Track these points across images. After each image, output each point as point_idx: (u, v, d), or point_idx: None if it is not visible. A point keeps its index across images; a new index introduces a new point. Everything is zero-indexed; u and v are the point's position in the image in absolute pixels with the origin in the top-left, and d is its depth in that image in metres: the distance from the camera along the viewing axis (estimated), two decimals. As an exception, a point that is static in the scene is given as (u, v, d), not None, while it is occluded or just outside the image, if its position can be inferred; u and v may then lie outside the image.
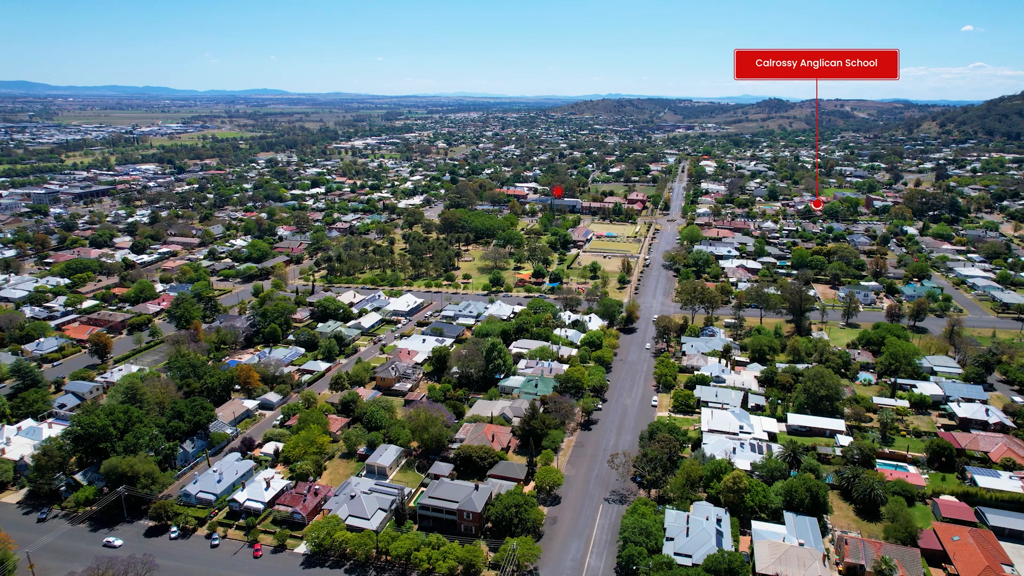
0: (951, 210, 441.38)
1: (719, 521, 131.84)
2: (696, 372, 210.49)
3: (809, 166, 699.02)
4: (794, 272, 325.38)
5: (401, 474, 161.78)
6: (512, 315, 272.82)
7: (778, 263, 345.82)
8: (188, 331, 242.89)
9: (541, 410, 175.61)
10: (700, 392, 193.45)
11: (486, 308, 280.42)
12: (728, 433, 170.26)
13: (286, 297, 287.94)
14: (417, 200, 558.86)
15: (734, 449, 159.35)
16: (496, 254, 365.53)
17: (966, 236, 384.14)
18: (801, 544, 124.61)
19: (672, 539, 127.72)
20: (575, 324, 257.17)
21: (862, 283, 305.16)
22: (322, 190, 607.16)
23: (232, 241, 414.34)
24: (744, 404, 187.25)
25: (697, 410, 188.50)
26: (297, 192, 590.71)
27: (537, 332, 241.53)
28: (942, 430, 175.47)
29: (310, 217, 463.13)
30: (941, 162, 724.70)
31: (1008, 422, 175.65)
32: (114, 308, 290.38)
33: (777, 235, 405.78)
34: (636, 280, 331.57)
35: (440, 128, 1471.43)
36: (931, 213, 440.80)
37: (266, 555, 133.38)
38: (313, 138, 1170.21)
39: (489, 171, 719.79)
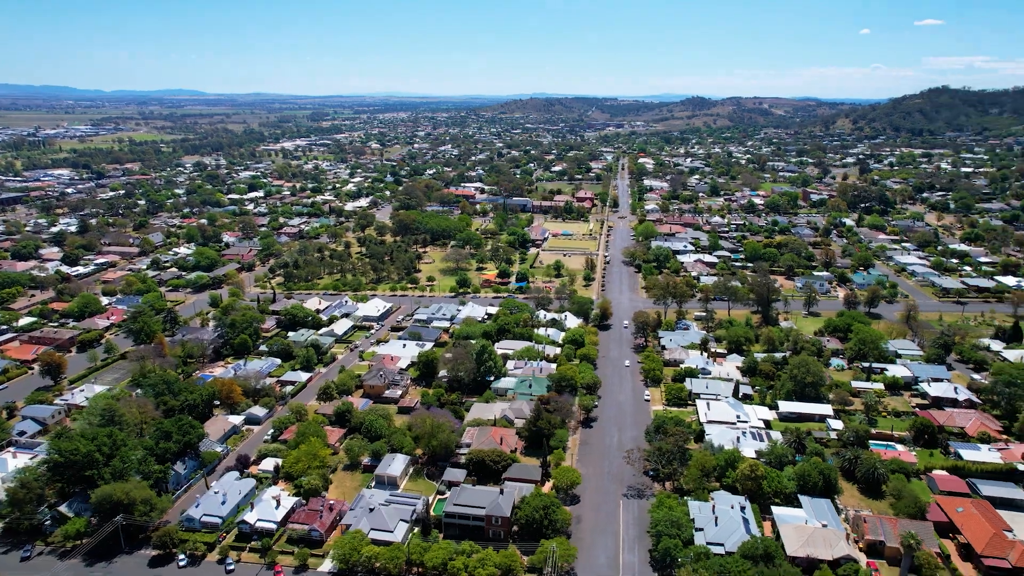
0: (880, 202, 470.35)
1: (743, 509, 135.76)
2: (682, 366, 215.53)
3: (743, 162, 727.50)
4: (749, 265, 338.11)
5: (412, 483, 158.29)
6: (486, 316, 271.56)
7: (732, 256, 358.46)
8: (152, 345, 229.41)
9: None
10: (691, 384, 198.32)
11: (458, 310, 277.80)
12: (727, 423, 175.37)
13: (248, 307, 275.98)
14: (363, 202, 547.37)
15: (737, 438, 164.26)
16: (457, 255, 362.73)
17: (897, 226, 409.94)
18: (824, 525, 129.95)
19: (701, 529, 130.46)
20: (553, 323, 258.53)
21: (815, 273, 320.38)
22: (261, 194, 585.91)
23: (175, 249, 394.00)
24: (735, 394, 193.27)
25: (690, 402, 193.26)
26: (235, 197, 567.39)
27: (519, 332, 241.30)
28: (917, 409, 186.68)
29: (255, 222, 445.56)
30: (861, 157, 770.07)
31: (974, 398, 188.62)
32: (56, 324, 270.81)
33: (726, 229, 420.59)
34: (600, 277, 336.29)
35: (370, 128, 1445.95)
36: (863, 205, 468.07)
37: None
38: (239, 140, 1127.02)
39: (431, 171, 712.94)
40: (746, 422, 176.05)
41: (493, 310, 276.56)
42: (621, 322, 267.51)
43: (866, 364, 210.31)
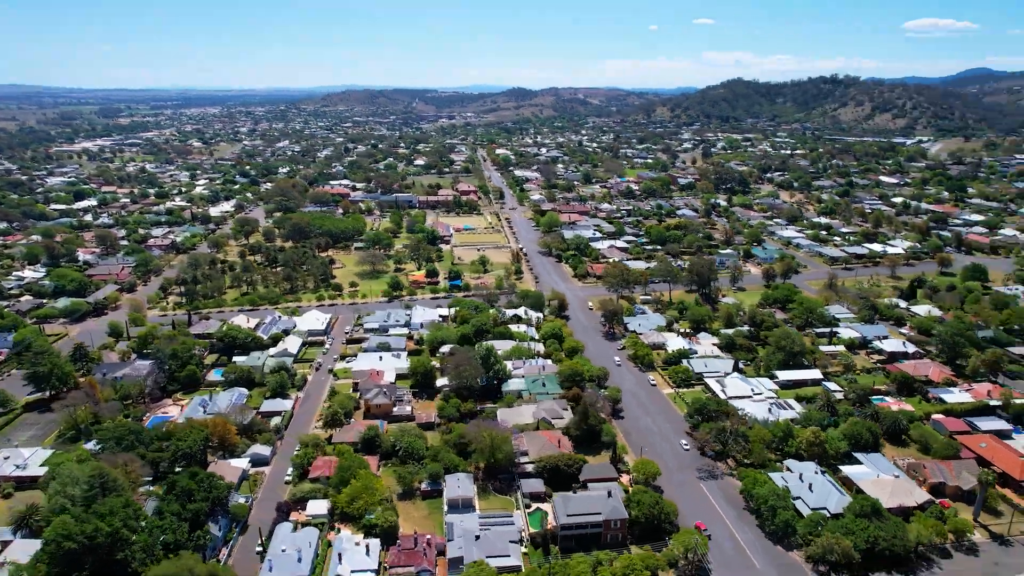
0: (740, 183, 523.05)
1: (823, 473, 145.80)
2: (669, 348, 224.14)
3: (598, 150, 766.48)
4: (659, 248, 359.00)
5: (484, 501, 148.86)
6: (441, 319, 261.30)
7: (639, 241, 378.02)
8: (79, 390, 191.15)
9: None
10: (692, 364, 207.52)
11: (407, 315, 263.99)
12: (745, 397, 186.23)
13: (171, 332, 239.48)
14: (227, 206, 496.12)
15: (769, 409, 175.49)
16: (372, 257, 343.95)
17: (763, 204, 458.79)
18: (896, 476, 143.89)
19: (799, 497, 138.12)
20: (518, 319, 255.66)
21: (721, 252, 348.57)
22: (94, 202, 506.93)
23: (17, 274, 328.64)
24: (736, 369, 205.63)
25: (695, 382, 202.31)
26: (61, 207, 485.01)
27: (499, 332, 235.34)
28: (880, 364, 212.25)
29: (115, 235, 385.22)
30: (696, 142, 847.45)
31: (919, 350, 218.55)
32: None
33: (618, 215, 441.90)
34: (528, 269, 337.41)
35: (181, 125, 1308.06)
36: (725, 186, 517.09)
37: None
38: (20, 140, 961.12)
39: (285, 170, 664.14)
40: (760, 394, 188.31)
41: (445, 312, 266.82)
42: (577, 313, 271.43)
43: (823, 329, 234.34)
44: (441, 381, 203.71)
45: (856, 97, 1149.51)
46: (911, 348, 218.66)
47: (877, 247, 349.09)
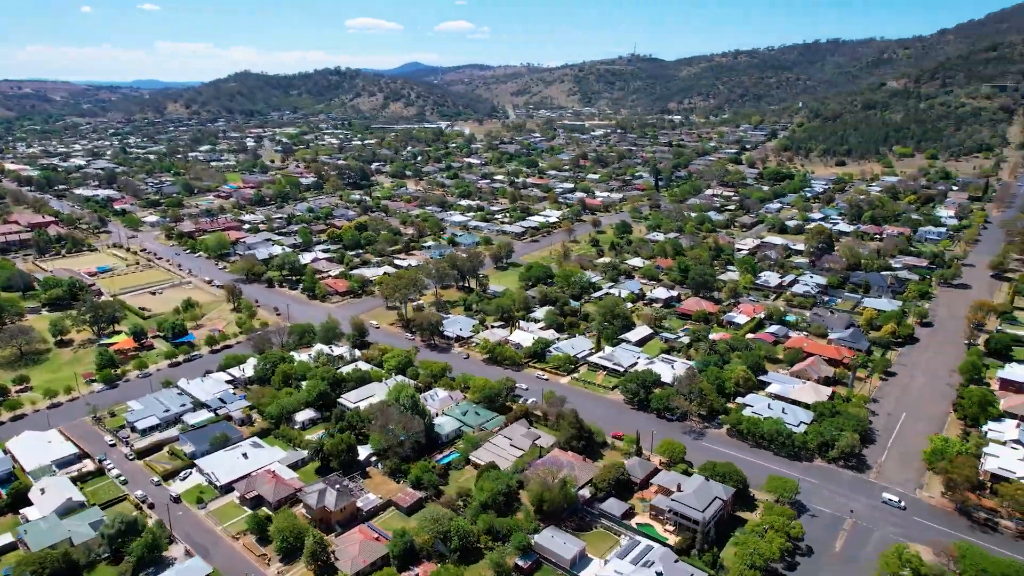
0: (363, 176, 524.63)
1: (776, 398, 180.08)
2: (529, 343, 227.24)
3: (152, 157, 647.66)
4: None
5: (591, 544, 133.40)
6: (231, 381, 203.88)
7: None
8: None
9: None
10: (563, 349, 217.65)
11: (182, 397, 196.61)
12: (640, 364, 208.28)
13: None
14: None
15: (672, 367, 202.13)
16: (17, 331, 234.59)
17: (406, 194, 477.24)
18: (804, 383, 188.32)
19: (782, 421, 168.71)
20: (340, 359, 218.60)
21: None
22: None
23: None
24: (599, 348, 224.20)
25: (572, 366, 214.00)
26: None
27: (355, 376, 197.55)
28: (666, 311, 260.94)
29: None
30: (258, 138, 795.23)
31: (681, 292, 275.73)
32: None
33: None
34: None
35: None
36: (349, 181, 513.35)
37: None
38: None
39: None
40: (647, 358, 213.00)
41: (237, 374, 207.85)
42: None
43: (602, 292, 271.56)
44: (364, 451, 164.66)
45: (368, 88, 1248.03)
46: (675, 292, 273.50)
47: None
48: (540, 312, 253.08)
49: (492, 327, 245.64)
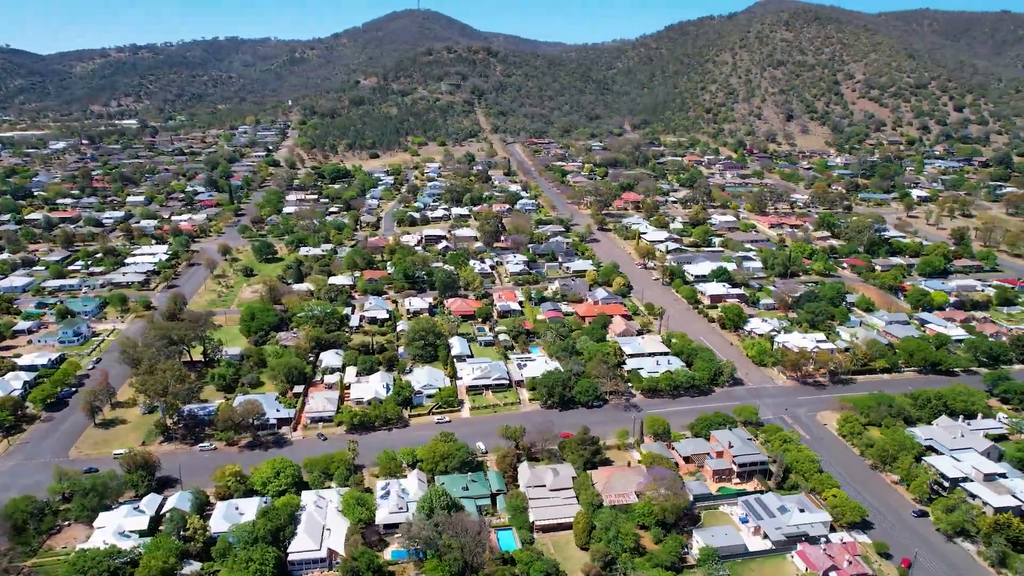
0: None
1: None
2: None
3: None
4: None
5: (717, 523, 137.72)
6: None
7: None
8: None
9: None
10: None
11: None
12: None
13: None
14: None
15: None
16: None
17: None
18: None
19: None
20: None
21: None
22: None
23: None
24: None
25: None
26: None
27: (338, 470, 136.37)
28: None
29: None
30: None
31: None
32: None
33: None
34: None
35: None
36: None
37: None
38: None
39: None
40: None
41: None
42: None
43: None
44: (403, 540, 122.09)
45: None
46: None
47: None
48: (335, 360, 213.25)
49: (310, 396, 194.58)
